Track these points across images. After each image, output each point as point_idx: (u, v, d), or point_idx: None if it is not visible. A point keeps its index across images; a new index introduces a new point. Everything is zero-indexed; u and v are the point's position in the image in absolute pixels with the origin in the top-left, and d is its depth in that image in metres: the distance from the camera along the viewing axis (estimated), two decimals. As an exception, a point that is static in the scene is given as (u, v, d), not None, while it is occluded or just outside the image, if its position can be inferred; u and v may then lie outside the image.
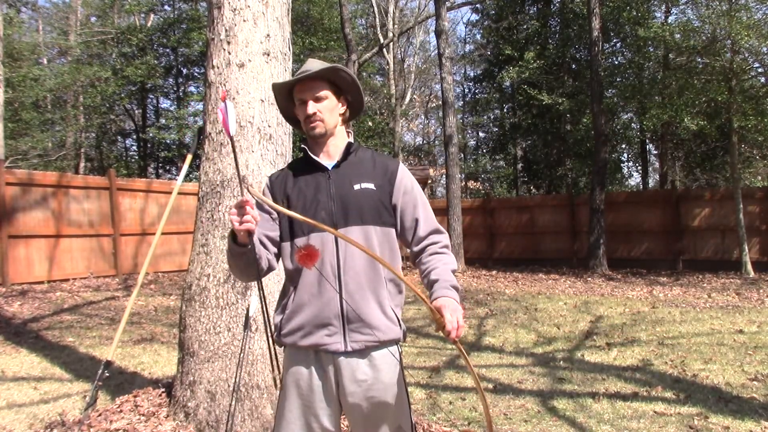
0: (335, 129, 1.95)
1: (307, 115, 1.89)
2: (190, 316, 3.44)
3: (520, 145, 22.58)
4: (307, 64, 1.94)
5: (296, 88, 1.92)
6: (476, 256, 15.22)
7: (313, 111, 1.89)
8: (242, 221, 1.71)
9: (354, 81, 1.96)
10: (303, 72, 1.90)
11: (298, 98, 1.92)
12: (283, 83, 1.97)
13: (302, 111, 1.91)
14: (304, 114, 1.90)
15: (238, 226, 1.72)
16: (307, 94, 1.90)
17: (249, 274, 1.89)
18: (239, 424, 3.25)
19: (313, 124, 1.90)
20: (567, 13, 19.04)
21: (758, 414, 3.80)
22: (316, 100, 1.90)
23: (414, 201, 1.96)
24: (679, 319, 7.17)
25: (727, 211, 12.59)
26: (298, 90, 1.92)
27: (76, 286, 9.38)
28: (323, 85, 1.91)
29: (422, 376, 4.83)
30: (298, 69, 1.96)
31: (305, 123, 1.91)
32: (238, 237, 1.77)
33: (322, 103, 1.90)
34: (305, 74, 1.88)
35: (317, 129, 1.90)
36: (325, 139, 1.94)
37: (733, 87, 11.86)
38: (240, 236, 1.76)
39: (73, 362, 5.28)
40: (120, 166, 23.72)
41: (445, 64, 13.93)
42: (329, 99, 1.91)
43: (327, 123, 1.91)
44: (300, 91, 1.91)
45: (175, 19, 22.01)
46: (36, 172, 10.40)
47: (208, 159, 3.52)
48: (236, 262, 1.84)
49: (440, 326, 1.71)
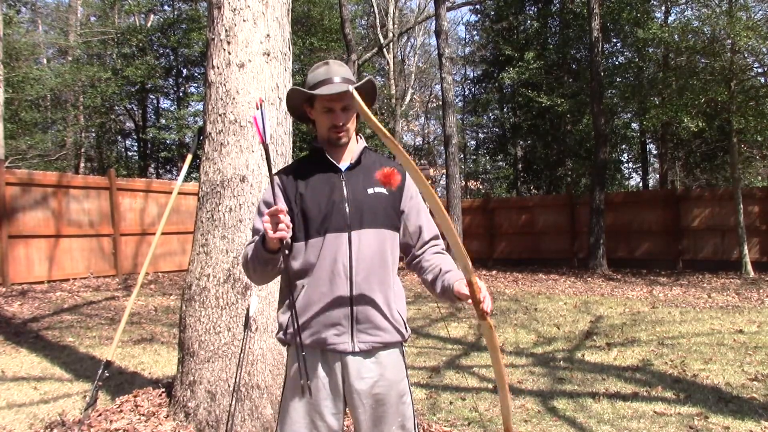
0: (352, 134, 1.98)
1: (336, 125, 1.90)
2: (190, 316, 3.44)
3: (519, 145, 22.56)
4: (331, 68, 1.92)
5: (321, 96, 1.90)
6: (476, 256, 15.21)
7: (342, 121, 1.89)
8: (276, 229, 1.70)
9: (375, 91, 1.98)
10: (329, 78, 1.87)
11: (325, 106, 1.90)
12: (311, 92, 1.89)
13: (328, 119, 1.90)
14: (332, 123, 1.90)
15: (273, 234, 1.70)
16: (336, 103, 1.89)
17: (268, 278, 1.91)
18: (239, 424, 3.25)
19: (341, 134, 1.91)
20: (567, 13, 19.04)
21: (758, 414, 3.80)
22: (344, 110, 1.90)
23: (418, 207, 2.00)
24: (679, 319, 7.17)
25: (727, 211, 12.59)
26: (325, 97, 1.89)
27: (76, 286, 9.38)
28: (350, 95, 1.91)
29: (422, 376, 4.83)
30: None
31: (331, 131, 1.91)
32: (270, 244, 1.76)
33: (348, 113, 1.91)
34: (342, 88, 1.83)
35: (343, 139, 1.93)
36: (345, 145, 1.96)
37: (733, 87, 11.87)
38: (272, 243, 1.75)
39: (73, 362, 5.28)
40: (120, 166, 23.71)
41: (445, 64, 13.92)
42: (353, 109, 1.92)
43: (350, 132, 1.94)
44: (329, 100, 1.89)
45: (175, 19, 22.00)
46: (36, 172, 10.40)
47: (208, 159, 3.52)
48: (262, 268, 1.83)
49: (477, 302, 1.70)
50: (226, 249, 3.40)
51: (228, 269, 3.39)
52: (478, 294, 1.70)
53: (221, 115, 3.47)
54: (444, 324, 7.16)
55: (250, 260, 1.85)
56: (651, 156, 22.41)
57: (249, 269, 1.88)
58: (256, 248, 1.81)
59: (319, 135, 1.97)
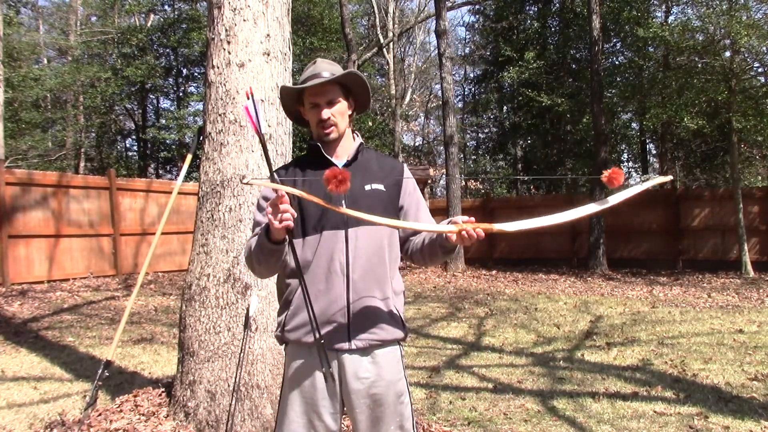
0: (345, 131, 1.96)
1: (321, 119, 1.89)
2: (190, 315, 3.44)
3: (519, 145, 22.56)
4: (317, 65, 1.93)
5: (308, 90, 1.90)
6: (476, 256, 15.21)
7: (327, 116, 1.88)
8: (281, 219, 1.68)
9: (365, 83, 1.97)
10: (315, 75, 1.88)
11: (310, 102, 1.90)
12: (294, 87, 1.93)
13: (315, 114, 1.90)
14: (318, 118, 1.89)
15: (278, 225, 1.67)
16: (320, 98, 1.88)
17: (273, 269, 1.87)
18: (239, 424, 3.25)
19: (328, 129, 1.90)
20: (567, 13, 19.03)
21: (758, 414, 3.80)
22: (329, 104, 1.89)
23: (417, 202, 2.01)
24: (679, 318, 7.17)
25: (727, 211, 12.59)
26: (310, 93, 1.89)
27: (76, 286, 9.38)
28: (335, 89, 1.90)
29: (422, 376, 4.83)
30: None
31: (318, 127, 1.90)
32: (275, 234, 1.73)
33: (334, 107, 1.90)
34: (322, 80, 1.86)
35: (331, 135, 1.91)
36: (336, 142, 1.94)
37: (732, 87, 11.87)
38: (278, 234, 1.72)
39: (73, 362, 5.28)
40: (120, 166, 23.70)
41: (445, 64, 13.92)
42: (341, 102, 1.91)
43: (339, 127, 1.92)
44: (312, 95, 1.89)
45: (175, 19, 22.00)
46: (36, 172, 10.40)
47: (208, 159, 3.52)
48: (266, 260, 1.80)
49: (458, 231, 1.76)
50: (226, 249, 3.40)
51: (228, 269, 3.39)
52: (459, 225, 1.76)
53: (221, 115, 3.47)
54: (445, 323, 7.17)
55: (254, 253, 1.83)
56: (651, 156, 22.41)
57: (253, 262, 1.85)
58: (260, 240, 1.78)
59: (312, 133, 1.97)
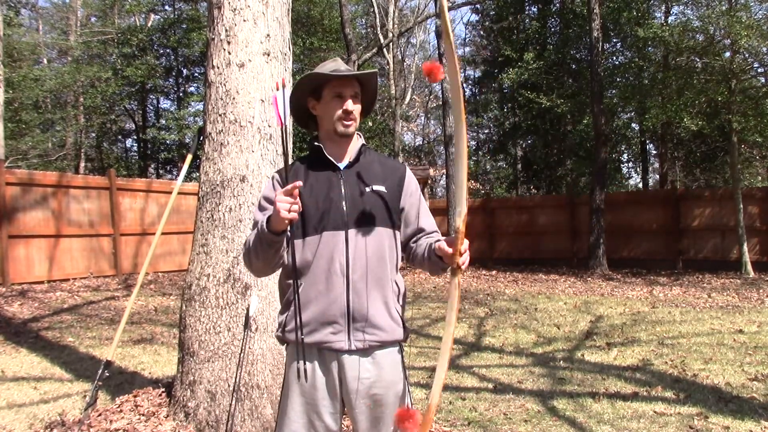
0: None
1: (347, 110, 1.88)
2: (190, 316, 3.44)
3: (519, 145, 22.57)
4: (339, 63, 1.93)
5: (333, 83, 1.89)
6: (476, 256, 15.19)
7: (353, 108, 1.89)
8: (290, 209, 1.66)
9: (376, 90, 2.00)
10: (338, 69, 1.88)
11: (336, 92, 1.88)
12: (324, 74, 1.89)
13: (337, 105, 1.89)
14: (341, 108, 1.88)
15: (287, 214, 1.65)
16: (347, 90, 1.89)
17: (270, 264, 1.84)
18: (239, 424, 3.25)
19: (350, 122, 1.90)
20: (567, 13, 19.03)
21: (758, 414, 3.80)
22: (354, 98, 1.90)
23: (418, 203, 2.01)
24: (679, 319, 7.17)
25: (727, 211, 12.59)
26: (337, 83, 1.88)
27: (76, 286, 9.37)
28: (357, 86, 1.92)
29: (422, 376, 4.83)
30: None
31: (340, 119, 1.89)
32: (278, 225, 1.69)
33: (357, 103, 1.92)
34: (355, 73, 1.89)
35: (351, 127, 1.91)
36: (348, 139, 1.94)
37: (732, 87, 11.87)
38: (280, 224, 1.69)
39: (73, 362, 5.28)
40: (120, 166, 23.73)
41: (445, 64, 13.92)
42: (359, 100, 1.93)
43: (357, 123, 1.93)
44: (340, 85, 1.88)
45: (175, 19, 22.02)
46: (36, 172, 10.40)
47: (208, 159, 3.52)
48: (264, 252, 1.77)
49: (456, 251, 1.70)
50: (226, 249, 3.40)
51: (228, 269, 3.39)
52: (459, 244, 1.68)
53: (221, 115, 3.48)
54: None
55: (252, 246, 1.81)
56: (651, 156, 22.43)
57: (251, 256, 1.83)
58: (260, 232, 1.76)
59: (323, 129, 1.95)
